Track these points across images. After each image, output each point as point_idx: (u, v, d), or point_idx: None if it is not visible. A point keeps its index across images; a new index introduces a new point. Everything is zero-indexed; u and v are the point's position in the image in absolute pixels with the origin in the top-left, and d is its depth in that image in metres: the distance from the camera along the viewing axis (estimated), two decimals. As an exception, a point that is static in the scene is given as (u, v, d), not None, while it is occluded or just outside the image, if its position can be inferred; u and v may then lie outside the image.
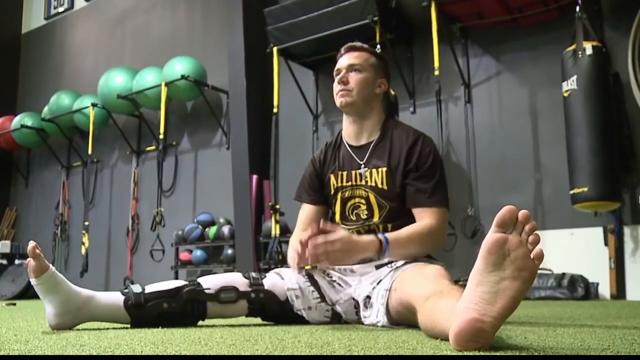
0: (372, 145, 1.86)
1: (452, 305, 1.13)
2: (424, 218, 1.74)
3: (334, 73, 1.90)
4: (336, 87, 1.87)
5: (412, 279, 1.53)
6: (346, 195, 1.87)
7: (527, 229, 1.03)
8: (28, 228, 8.06)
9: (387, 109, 1.97)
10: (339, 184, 1.88)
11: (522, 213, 1.03)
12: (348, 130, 1.92)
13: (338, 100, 1.87)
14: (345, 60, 1.89)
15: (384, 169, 1.81)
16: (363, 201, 1.83)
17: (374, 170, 1.83)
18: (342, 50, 1.92)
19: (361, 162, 1.85)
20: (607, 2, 4.29)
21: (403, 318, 1.53)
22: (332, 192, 1.90)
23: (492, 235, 1.03)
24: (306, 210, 1.97)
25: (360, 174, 1.85)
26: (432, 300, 1.29)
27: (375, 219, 1.81)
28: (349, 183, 1.86)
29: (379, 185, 1.81)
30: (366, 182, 1.83)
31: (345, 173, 1.88)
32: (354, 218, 1.85)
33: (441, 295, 1.29)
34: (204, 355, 1.02)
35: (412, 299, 1.40)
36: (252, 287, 1.72)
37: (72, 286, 1.58)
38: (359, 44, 1.92)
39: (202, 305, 1.68)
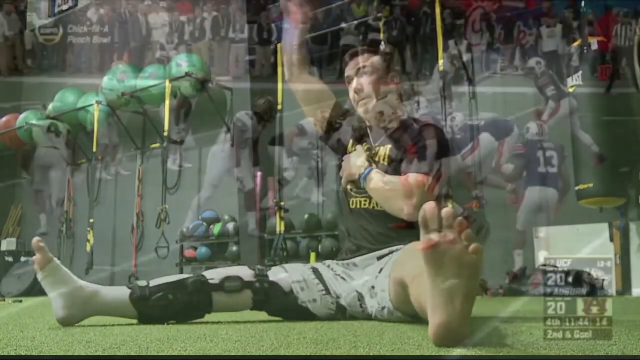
0: (389, 130, 1.87)
1: None
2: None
3: (346, 81, 1.92)
4: (353, 97, 1.88)
5: (402, 259, 1.55)
6: None
7: (456, 225, 1.01)
8: (33, 226, 8.07)
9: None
10: (350, 151, 1.90)
11: (444, 211, 1.00)
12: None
13: (359, 110, 1.88)
14: (352, 65, 1.89)
15: (389, 146, 1.84)
16: None
17: (381, 148, 1.85)
18: (346, 57, 1.93)
19: (375, 143, 1.88)
20: (612, -3, 4.28)
21: (402, 300, 1.53)
22: (343, 154, 1.92)
23: (423, 239, 1.01)
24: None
25: (369, 149, 1.86)
26: (417, 282, 1.28)
27: None
28: None
29: (381, 161, 1.83)
30: (373, 158, 1.85)
31: (357, 145, 1.90)
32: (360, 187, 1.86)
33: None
34: (208, 355, 1.02)
35: (404, 277, 1.41)
36: (257, 278, 1.73)
37: (77, 280, 1.59)
38: (359, 47, 1.93)
39: (208, 296, 1.68)
